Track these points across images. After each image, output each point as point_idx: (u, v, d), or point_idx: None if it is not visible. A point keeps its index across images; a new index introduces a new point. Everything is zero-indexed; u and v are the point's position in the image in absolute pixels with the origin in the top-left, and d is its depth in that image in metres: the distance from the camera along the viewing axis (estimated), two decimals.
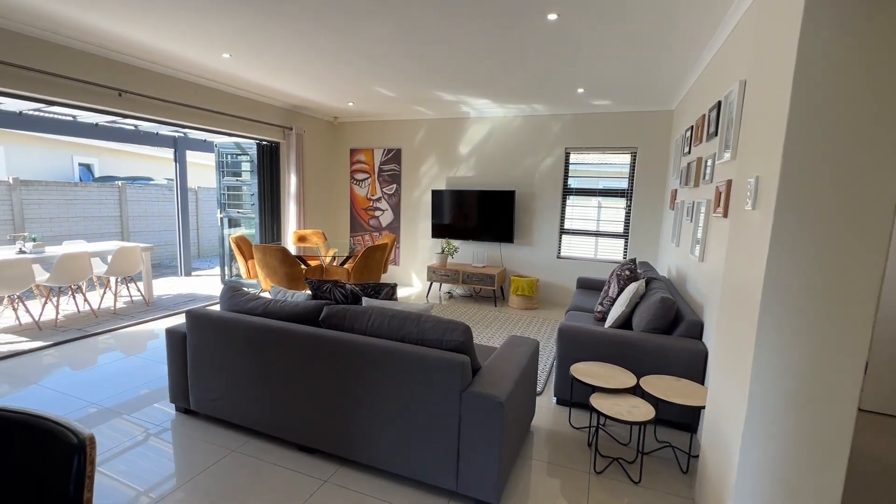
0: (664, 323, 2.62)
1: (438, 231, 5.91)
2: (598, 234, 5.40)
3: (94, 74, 3.63)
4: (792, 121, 1.30)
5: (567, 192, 5.45)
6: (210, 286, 5.95)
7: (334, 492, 1.94)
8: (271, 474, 2.04)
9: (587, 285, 4.58)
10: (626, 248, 5.30)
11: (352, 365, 1.98)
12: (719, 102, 2.59)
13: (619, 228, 5.30)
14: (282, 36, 3.16)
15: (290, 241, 5.87)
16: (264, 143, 5.57)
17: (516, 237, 5.68)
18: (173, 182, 6.58)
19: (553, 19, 2.69)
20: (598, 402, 2.11)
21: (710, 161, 2.75)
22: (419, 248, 6.31)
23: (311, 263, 4.88)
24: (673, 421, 2.57)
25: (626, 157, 5.18)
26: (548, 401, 2.88)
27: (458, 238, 5.80)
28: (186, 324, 2.40)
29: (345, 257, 5.10)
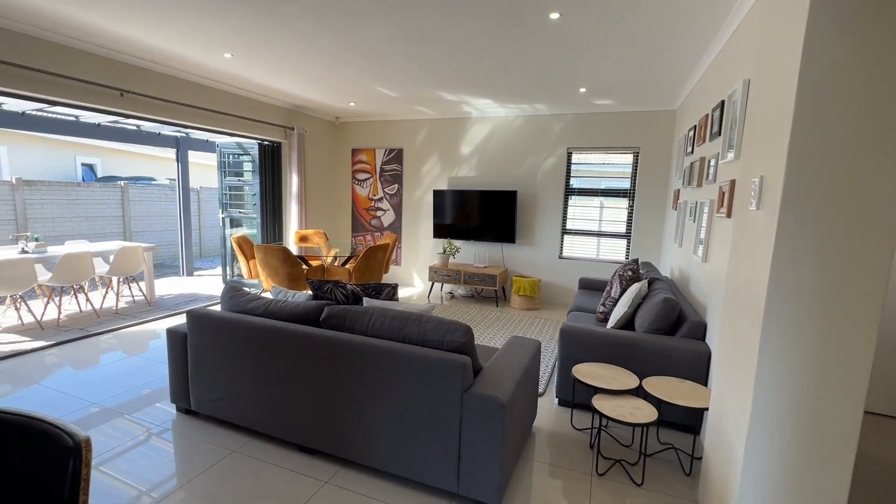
0: (667, 324, 2.61)
1: (440, 231, 5.90)
2: (600, 235, 5.38)
3: (95, 74, 3.64)
4: (797, 120, 1.29)
5: (569, 192, 5.43)
6: (212, 286, 5.95)
7: (335, 493, 1.93)
8: (271, 475, 2.04)
9: (589, 286, 4.57)
10: (628, 249, 5.28)
11: (352, 365, 1.98)
12: (722, 102, 2.58)
13: (622, 229, 5.28)
14: (283, 36, 3.16)
15: (291, 241, 5.87)
16: (266, 143, 5.58)
17: (518, 237, 5.67)
18: (175, 182, 6.59)
19: (555, 18, 2.68)
20: (600, 403, 2.10)
21: (713, 161, 2.73)
22: (421, 248, 6.30)
23: (312, 263, 4.88)
24: (676, 423, 2.55)
25: (629, 157, 5.16)
26: (549, 402, 2.87)
27: (460, 238, 5.79)
28: (187, 324, 2.40)
29: (346, 257, 5.09)
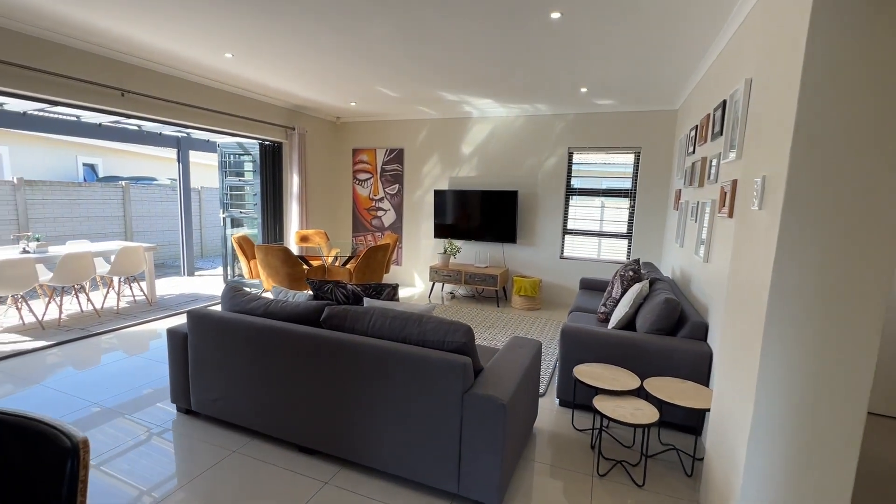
0: (668, 324, 2.60)
1: (441, 231, 5.90)
2: (601, 235, 5.37)
3: (96, 74, 3.64)
4: (799, 120, 1.28)
5: (570, 192, 5.42)
6: (213, 286, 5.96)
7: (335, 494, 1.92)
8: (272, 476, 2.03)
9: (590, 286, 4.56)
10: (629, 249, 5.27)
11: (353, 366, 1.97)
12: (724, 102, 2.57)
13: (623, 229, 5.27)
14: (283, 36, 3.15)
15: (292, 241, 5.87)
16: (267, 143, 5.58)
17: (519, 237, 5.66)
18: (176, 182, 6.60)
19: (556, 18, 2.67)
20: (601, 404, 2.09)
21: (714, 161, 2.72)
22: (421, 248, 6.30)
23: (313, 263, 4.88)
24: (677, 423, 2.54)
25: (630, 157, 5.15)
26: (550, 402, 2.86)
27: (461, 238, 5.78)
28: (187, 324, 2.39)
29: (347, 257, 5.09)
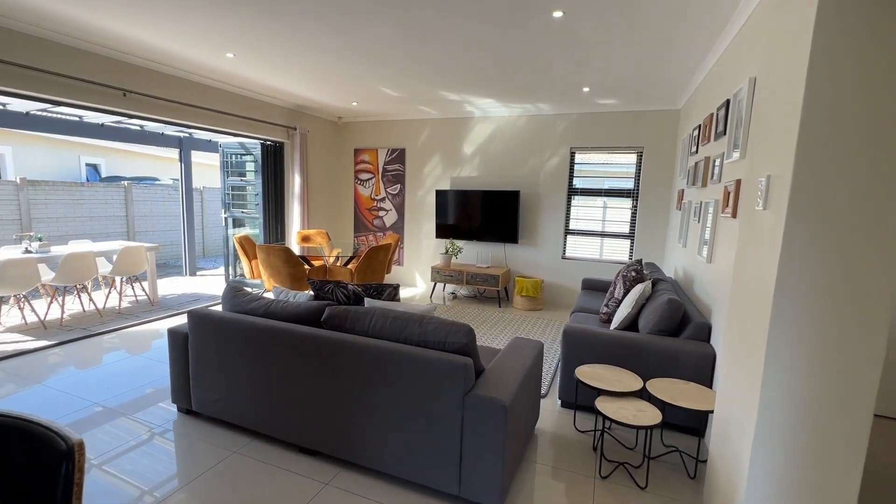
0: (671, 325, 2.58)
1: (442, 231, 5.89)
2: (603, 235, 5.35)
3: (98, 74, 3.64)
4: (805, 119, 1.26)
5: (572, 192, 5.40)
6: (215, 286, 5.96)
7: (335, 495, 1.92)
8: (272, 476, 2.03)
9: (592, 286, 4.54)
10: (631, 249, 5.25)
11: (353, 366, 1.96)
12: (728, 101, 2.55)
13: (625, 229, 5.25)
14: (283, 35, 3.15)
15: (293, 242, 5.87)
16: (268, 143, 5.58)
17: (521, 237, 5.65)
18: (179, 182, 6.61)
19: (558, 17, 2.66)
20: (603, 405, 2.07)
21: (718, 160, 2.70)
22: (423, 248, 6.29)
23: (314, 263, 4.88)
24: (680, 425, 2.52)
25: (632, 157, 5.13)
26: (552, 403, 2.84)
27: (463, 238, 5.77)
28: (188, 324, 2.39)
29: (348, 258, 5.08)
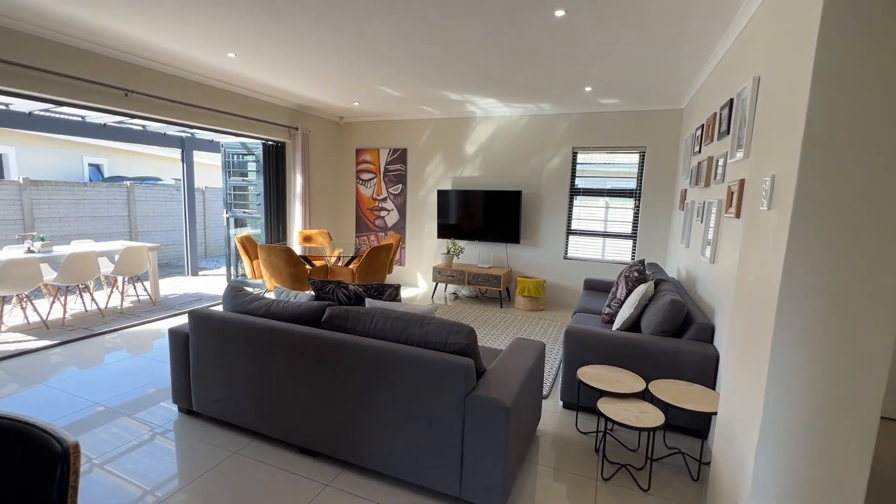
0: (674, 326, 2.56)
1: (444, 231, 5.88)
2: (605, 235, 5.33)
3: (100, 74, 3.65)
4: (810, 118, 1.25)
5: (574, 192, 5.39)
6: (216, 286, 5.97)
7: (336, 496, 1.91)
8: (273, 477, 2.02)
9: (594, 287, 4.52)
10: (634, 249, 5.23)
11: (354, 367, 1.95)
12: (731, 100, 2.53)
13: (628, 229, 5.23)
14: (284, 35, 3.14)
15: (295, 242, 5.87)
16: (270, 143, 5.58)
17: (523, 238, 5.63)
18: (181, 182, 6.62)
19: (560, 16, 2.65)
20: (605, 406, 2.06)
21: (721, 160, 2.69)
22: (425, 248, 6.28)
23: (316, 264, 4.87)
24: (683, 426, 2.50)
25: (635, 157, 5.10)
26: (554, 404, 2.83)
27: (464, 238, 5.76)
28: (189, 324, 2.38)
29: (350, 258, 5.08)
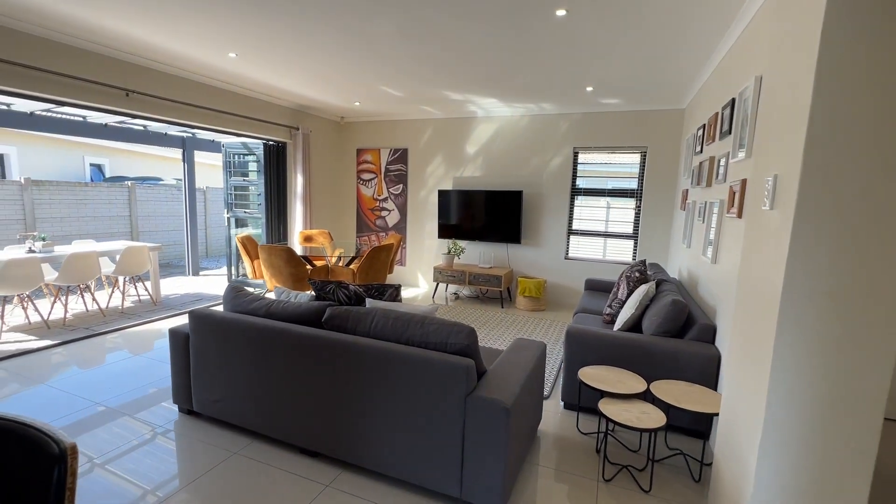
0: (675, 326, 2.55)
1: (445, 231, 5.87)
2: (606, 235, 5.32)
3: (101, 74, 3.65)
4: (813, 117, 1.24)
5: (575, 192, 5.38)
6: (217, 286, 5.97)
7: (336, 497, 1.90)
8: (273, 478, 2.01)
9: (596, 287, 4.51)
10: (635, 250, 5.22)
11: (354, 367, 1.95)
12: (733, 100, 2.52)
13: (629, 229, 5.22)
14: (284, 35, 3.14)
15: (296, 241, 5.87)
16: (271, 143, 5.58)
17: (523, 238, 5.62)
18: (182, 182, 6.62)
19: (561, 15, 2.64)
20: (606, 407, 2.05)
21: (723, 160, 2.68)
22: (425, 248, 6.27)
23: (316, 264, 4.87)
24: (684, 427, 2.49)
25: (636, 157, 5.09)
26: (555, 405, 2.82)
27: (465, 238, 5.75)
28: (189, 324, 2.38)
29: (350, 258, 5.07)
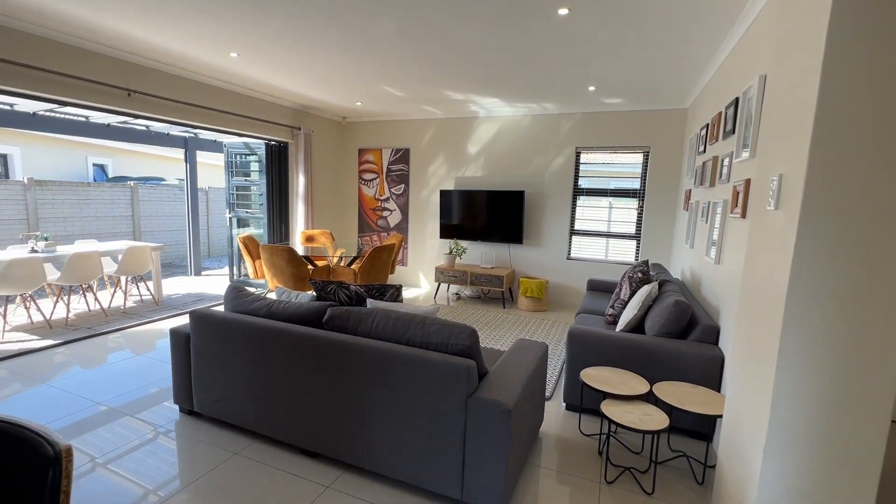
0: (678, 327, 2.54)
1: (447, 231, 5.86)
2: (609, 236, 5.30)
3: (103, 74, 3.65)
4: (819, 116, 1.22)
5: (577, 192, 5.36)
6: (219, 286, 5.97)
7: (336, 498, 1.89)
8: (273, 478, 2.01)
9: (598, 287, 4.49)
10: (637, 250, 5.19)
11: (355, 368, 1.94)
12: (737, 99, 2.50)
13: (631, 229, 5.19)
14: (285, 34, 3.14)
15: (298, 242, 5.87)
16: (273, 143, 5.58)
17: (525, 238, 5.61)
18: (184, 182, 6.63)
19: (564, 14, 2.62)
20: (609, 408, 2.04)
21: (726, 160, 2.66)
22: (427, 248, 6.26)
23: (318, 264, 4.87)
24: (687, 429, 2.48)
25: (639, 157, 5.07)
26: (557, 406, 2.81)
27: (467, 239, 5.74)
28: (190, 324, 2.38)
29: (352, 258, 5.07)
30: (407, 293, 5.98)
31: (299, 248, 5.70)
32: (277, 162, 5.67)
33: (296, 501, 1.87)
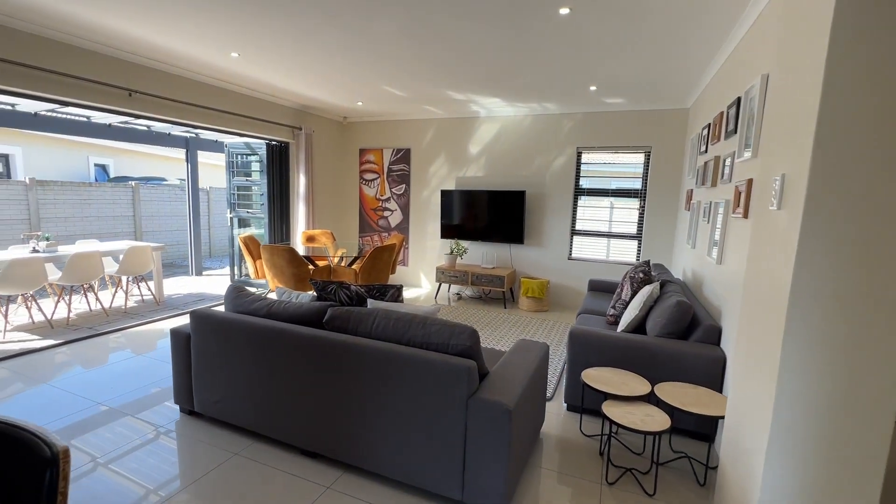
0: (680, 328, 2.53)
1: (448, 232, 5.85)
2: (610, 236, 5.29)
3: (104, 74, 3.65)
4: (822, 116, 1.21)
5: (579, 192, 5.35)
6: (220, 286, 5.98)
7: (337, 498, 1.89)
8: (273, 479, 2.00)
9: (599, 287, 4.48)
10: (639, 250, 5.18)
11: (355, 368, 1.94)
12: (739, 98, 2.49)
13: (633, 230, 5.18)
14: (286, 34, 3.13)
15: (298, 242, 5.87)
16: (274, 143, 5.58)
17: (526, 238, 5.60)
18: (185, 182, 6.64)
19: (565, 14, 2.62)
20: (610, 409, 2.03)
21: (728, 160, 2.65)
22: (428, 248, 6.26)
23: (319, 264, 4.86)
24: (689, 430, 2.47)
25: (640, 157, 5.06)
26: (558, 407, 2.80)
27: (468, 239, 5.73)
28: (190, 324, 2.38)
29: (353, 258, 5.07)
30: (408, 293, 5.98)
31: (300, 248, 5.70)
32: (278, 162, 5.67)
33: (296, 502, 1.86)
